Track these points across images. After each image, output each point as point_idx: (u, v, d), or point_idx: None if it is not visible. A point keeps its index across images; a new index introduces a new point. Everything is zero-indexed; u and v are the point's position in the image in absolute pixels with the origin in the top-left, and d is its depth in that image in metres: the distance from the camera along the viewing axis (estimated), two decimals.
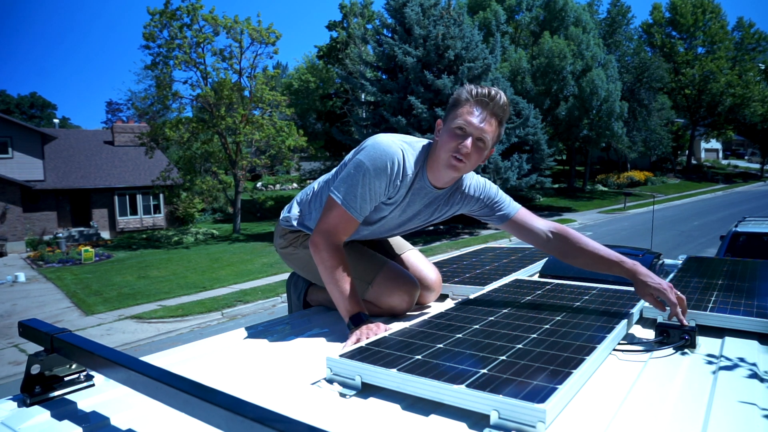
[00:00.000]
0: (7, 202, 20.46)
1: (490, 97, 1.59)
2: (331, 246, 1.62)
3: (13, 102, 57.15)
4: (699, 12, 38.61)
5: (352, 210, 1.63)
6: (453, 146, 1.59)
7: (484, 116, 1.59)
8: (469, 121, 1.58)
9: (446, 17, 18.99)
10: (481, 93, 1.59)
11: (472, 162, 1.63)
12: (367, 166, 1.60)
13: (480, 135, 1.59)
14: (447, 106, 1.68)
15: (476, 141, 1.60)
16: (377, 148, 1.62)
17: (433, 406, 1.08)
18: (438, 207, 1.82)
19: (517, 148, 20.93)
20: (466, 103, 1.60)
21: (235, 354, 1.51)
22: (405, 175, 1.64)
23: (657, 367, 1.30)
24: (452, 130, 1.60)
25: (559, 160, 30.50)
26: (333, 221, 1.64)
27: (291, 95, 32.89)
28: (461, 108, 1.60)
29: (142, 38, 20.48)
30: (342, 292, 1.59)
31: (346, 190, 1.62)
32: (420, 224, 1.89)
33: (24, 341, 7.53)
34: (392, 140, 1.65)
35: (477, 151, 1.61)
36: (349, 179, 1.62)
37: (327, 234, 1.63)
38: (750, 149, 54.86)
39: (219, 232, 22.88)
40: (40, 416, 1.05)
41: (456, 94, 1.65)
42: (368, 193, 1.62)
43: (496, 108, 1.60)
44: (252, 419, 0.69)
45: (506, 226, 1.84)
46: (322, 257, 1.62)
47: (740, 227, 6.27)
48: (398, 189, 1.66)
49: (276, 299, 10.86)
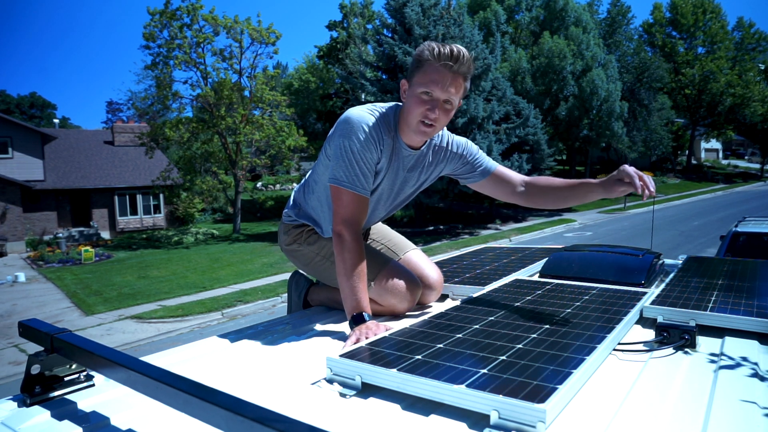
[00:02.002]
0: (7, 202, 20.46)
1: (453, 58, 1.55)
2: (353, 233, 1.63)
3: (13, 102, 57.16)
4: (699, 12, 38.62)
5: (359, 188, 1.64)
6: (420, 112, 1.59)
7: (449, 79, 1.57)
8: (434, 86, 1.57)
9: (446, 17, 18.98)
10: (445, 54, 1.55)
11: (441, 124, 1.64)
12: (352, 141, 1.62)
13: (447, 97, 1.59)
14: (410, 65, 1.66)
15: (443, 104, 1.60)
16: (350, 121, 1.64)
17: (433, 406, 1.08)
18: (423, 168, 1.83)
19: (517, 148, 20.93)
20: (430, 66, 1.57)
21: (235, 354, 1.50)
22: (383, 138, 1.66)
23: (657, 367, 1.30)
24: (418, 95, 1.59)
25: (559, 160, 30.53)
26: (347, 207, 1.65)
27: (291, 95, 32.92)
28: (425, 70, 1.58)
29: (142, 38, 20.51)
30: (353, 287, 1.59)
31: (344, 171, 1.64)
32: (412, 190, 1.90)
33: (24, 341, 7.53)
34: (361, 110, 1.68)
35: (445, 113, 1.62)
36: (342, 161, 1.64)
37: (346, 221, 1.63)
38: (750, 149, 54.86)
39: (219, 232, 22.88)
40: (40, 416, 1.05)
41: (418, 51, 1.62)
42: (365, 166, 1.64)
43: (461, 68, 1.57)
44: (252, 419, 0.69)
45: (486, 182, 1.88)
46: (344, 247, 1.61)
47: (740, 227, 6.27)
48: (381, 154, 1.68)
49: (276, 299, 10.86)
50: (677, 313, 1.61)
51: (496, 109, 19.25)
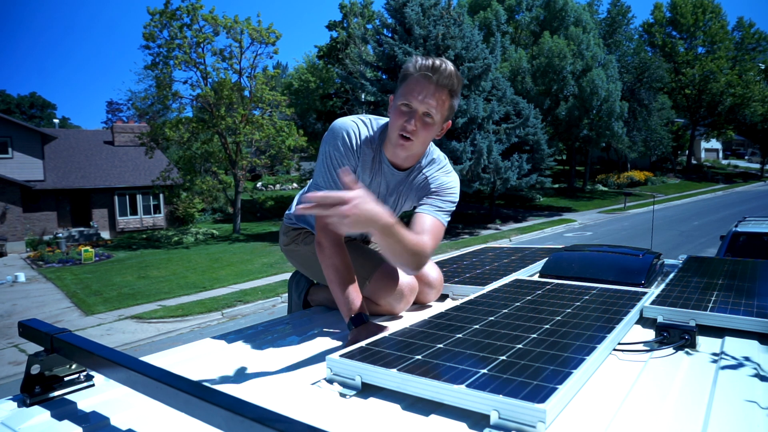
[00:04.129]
0: (7, 202, 20.46)
1: (433, 69, 1.52)
2: (332, 240, 1.62)
3: (13, 102, 57.16)
4: (699, 12, 38.62)
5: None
6: (399, 124, 1.57)
7: (428, 90, 1.54)
8: (413, 96, 1.55)
9: (446, 17, 18.99)
10: (425, 66, 1.53)
11: (420, 139, 1.59)
12: (329, 147, 1.65)
13: (426, 110, 1.55)
14: (399, 76, 1.65)
15: (422, 117, 1.56)
16: (333, 129, 1.67)
17: (433, 406, 1.08)
18: (403, 191, 1.80)
19: (517, 148, 20.93)
20: (411, 78, 1.56)
21: (235, 354, 1.50)
22: (361, 147, 1.66)
23: (657, 367, 1.30)
24: (398, 107, 1.58)
25: (559, 160, 30.53)
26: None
27: (291, 95, 32.92)
28: (407, 83, 1.57)
29: (142, 38, 20.49)
30: (344, 291, 1.59)
31: (323, 177, 1.67)
32: (396, 208, 1.85)
33: (24, 341, 7.52)
34: (347, 118, 1.69)
35: (425, 126, 1.57)
36: (322, 167, 1.67)
37: (324, 228, 1.62)
38: (750, 149, 54.85)
39: (219, 232, 22.88)
40: (40, 416, 1.05)
41: (404, 66, 1.61)
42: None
43: (441, 79, 1.53)
44: (252, 419, 0.69)
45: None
46: (325, 254, 1.61)
47: (740, 227, 6.26)
48: (358, 162, 1.67)
49: (276, 299, 10.86)
50: (677, 313, 1.61)
51: (496, 109, 19.25)
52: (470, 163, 18.02)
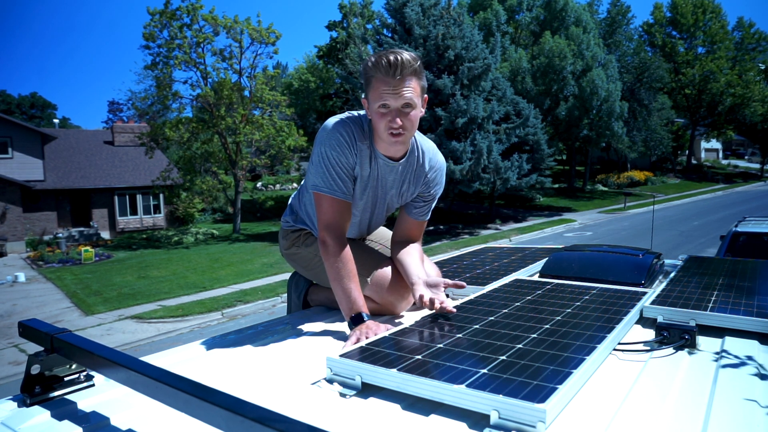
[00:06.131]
0: (7, 202, 20.46)
1: (396, 65, 1.55)
2: (336, 238, 1.64)
3: (13, 102, 57.15)
4: (699, 12, 38.61)
5: (337, 193, 1.67)
6: (384, 125, 1.61)
7: (398, 85, 1.57)
8: (387, 96, 1.58)
9: (446, 17, 18.99)
10: (385, 64, 1.55)
11: (409, 126, 1.63)
12: (326, 147, 1.66)
13: (403, 102, 1.59)
14: (363, 80, 1.66)
15: (402, 110, 1.60)
16: (325, 129, 1.68)
17: (433, 406, 1.08)
18: (407, 178, 1.83)
19: (517, 148, 20.92)
20: (376, 79, 1.59)
21: (235, 354, 1.51)
22: (356, 143, 1.68)
23: (657, 367, 1.30)
24: (377, 110, 1.60)
25: (559, 160, 30.52)
26: (327, 212, 1.67)
27: (291, 95, 32.92)
28: (373, 85, 1.60)
29: (142, 38, 20.50)
30: (345, 290, 1.60)
31: (322, 177, 1.67)
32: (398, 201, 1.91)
33: (24, 341, 7.52)
34: (336, 117, 1.71)
35: (407, 116, 1.61)
36: (318, 167, 1.68)
37: (328, 227, 1.66)
38: (750, 149, 54.85)
39: (219, 232, 22.88)
40: (40, 416, 1.05)
41: (362, 67, 1.63)
42: (341, 170, 1.67)
43: (404, 71, 1.56)
44: (252, 419, 0.69)
45: (402, 217, 1.92)
46: (329, 252, 1.63)
47: (740, 227, 6.26)
48: (356, 158, 1.69)
49: (276, 299, 10.86)
50: (677, 313, 1.61)
51: (496, 109, 19.24)
52: (470, 163, 18.00)
